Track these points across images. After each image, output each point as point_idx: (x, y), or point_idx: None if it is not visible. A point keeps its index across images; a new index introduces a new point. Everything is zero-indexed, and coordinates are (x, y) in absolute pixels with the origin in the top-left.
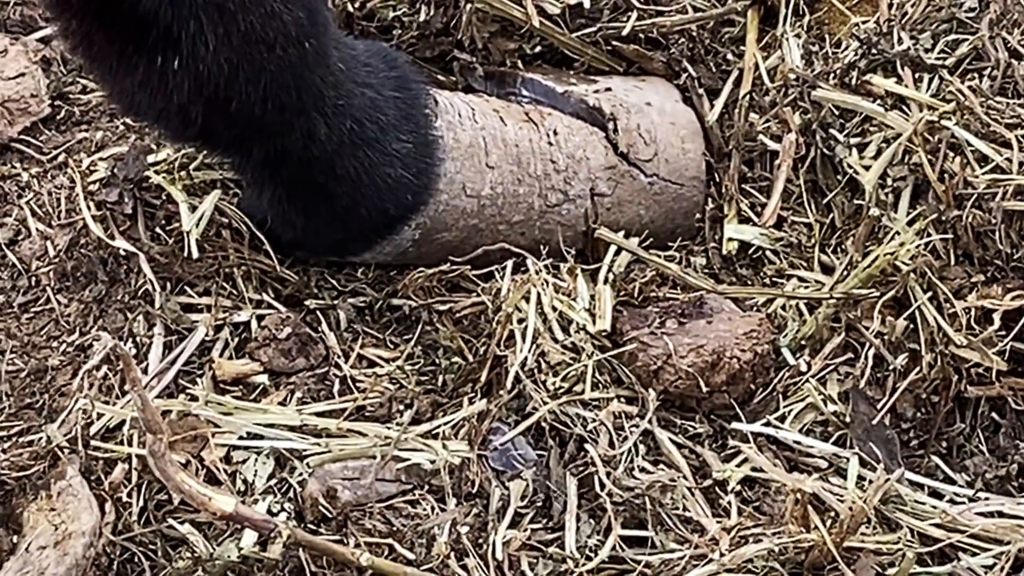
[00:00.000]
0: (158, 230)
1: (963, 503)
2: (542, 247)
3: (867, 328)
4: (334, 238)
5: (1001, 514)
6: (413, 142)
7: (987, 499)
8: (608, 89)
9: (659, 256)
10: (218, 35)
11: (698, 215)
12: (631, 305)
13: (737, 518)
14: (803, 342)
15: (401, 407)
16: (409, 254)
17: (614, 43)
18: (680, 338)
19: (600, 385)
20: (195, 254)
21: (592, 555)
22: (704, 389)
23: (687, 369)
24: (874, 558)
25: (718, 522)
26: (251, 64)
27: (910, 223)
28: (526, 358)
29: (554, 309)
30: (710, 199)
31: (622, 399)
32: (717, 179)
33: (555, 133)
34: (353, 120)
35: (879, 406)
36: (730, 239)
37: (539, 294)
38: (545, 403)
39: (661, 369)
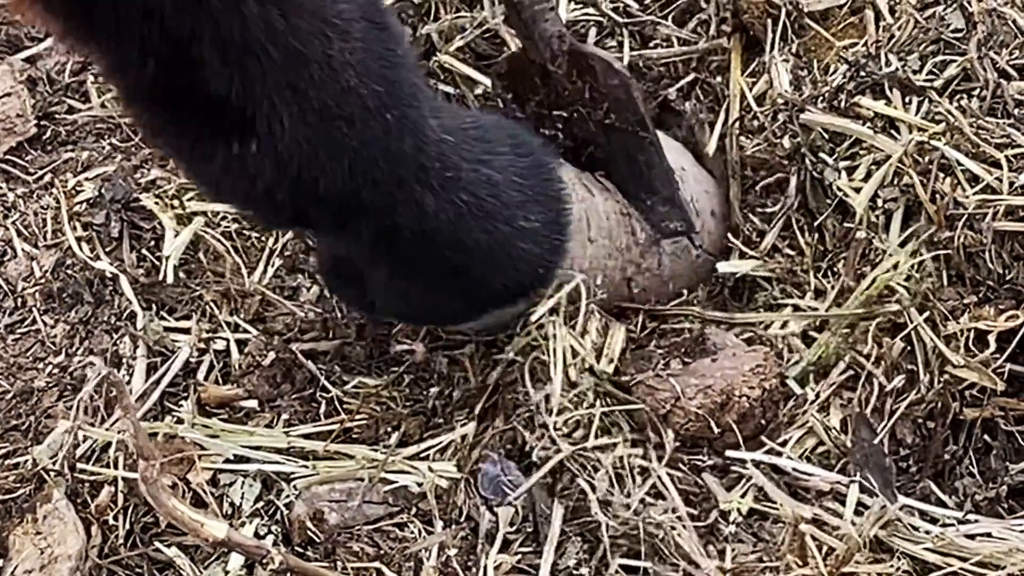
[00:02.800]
0: (144, 252)
1: (952, 525)
2: None
3: (865, 352)
4: (453, 308)
5: (990, 536)
6: (542, 221)
7: (977, 521)
8: None
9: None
10: (292, 115)
11: None
12: (634, 345)
13: (735, 547)
14: (809, 369)
15: (388, 429)
16: (500, 323)
17: None
18: (687, 379)
19: (605, 430)
20: (170, 279)
21: None
22: (715, 430)
23: (696, 411)
24: None
25: (718, 552)
26: (330, 141)
27: (902, 244)
28: (529, 392)
29: (571, 352)
30: None
31: (627, 443)
32: None
33: (631, 205)
34: (468, 193)
35: (878, 430)
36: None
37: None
38: (550, 447)
39: (671, 413)
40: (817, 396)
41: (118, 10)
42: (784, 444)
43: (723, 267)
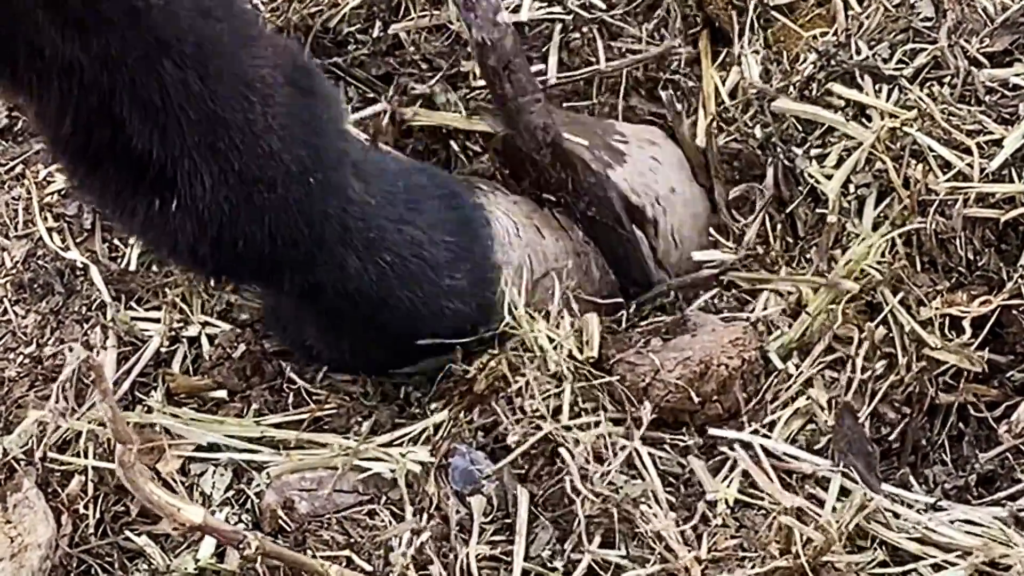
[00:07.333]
0: (115, 242)
1: (925, 512)
2: None
3: (842, 334)
4: (382, 359)
5: (961, 522)
6: (469, 280)
7: (947, 509)
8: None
9: None
10: (213, 175)
11: None
12: (613, 332)
13: (716, 532)
14: (792, 345)
15: (359, 418)
16: (439, 367)
17: None
18: (666, 353)
19: (584, 412)
20: (132, 266)
21: (554, 569)
22: (695, 400)
23: (676, 382)
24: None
25: (696, 537)
26: (250, 203)
27: (874, 229)
28: (508, 380)
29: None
30: None
31: (609, 422)
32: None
33: (586, 242)
34: (392, 254)
35: (860, 413)
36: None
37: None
38: (528, 427)
39: (650, 385)
40: (800, 373)
41: (38, 66)
42: (771, 427)
43: (698, 256)
